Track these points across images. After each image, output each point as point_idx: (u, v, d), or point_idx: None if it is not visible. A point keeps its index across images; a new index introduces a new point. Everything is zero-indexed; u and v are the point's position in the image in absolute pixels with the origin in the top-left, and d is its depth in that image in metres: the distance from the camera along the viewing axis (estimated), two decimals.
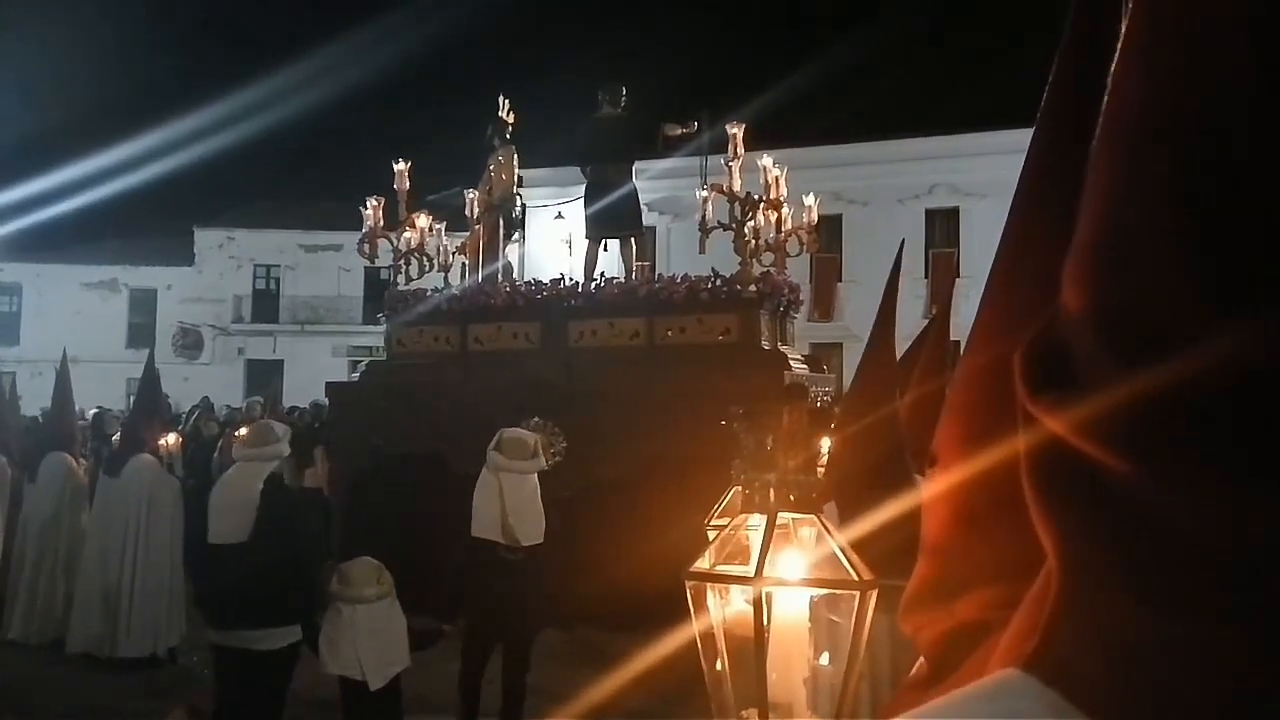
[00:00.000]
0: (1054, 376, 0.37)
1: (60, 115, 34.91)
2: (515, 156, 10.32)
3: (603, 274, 9.76)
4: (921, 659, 0.51)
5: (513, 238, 10.70)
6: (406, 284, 9.96)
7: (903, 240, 4.74)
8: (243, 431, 5.33)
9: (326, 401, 11.45)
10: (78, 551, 7.57)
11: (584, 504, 7.58)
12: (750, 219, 8.92)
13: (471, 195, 10.18)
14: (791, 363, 8.83)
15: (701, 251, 8.95)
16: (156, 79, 51.01)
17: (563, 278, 9.79)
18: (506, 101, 10.25)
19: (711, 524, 2.40)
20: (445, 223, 10.22)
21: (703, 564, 1.29)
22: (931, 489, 0.49)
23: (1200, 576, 0.33)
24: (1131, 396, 0.33)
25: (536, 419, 8.12)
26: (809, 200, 9.40)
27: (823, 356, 17.13)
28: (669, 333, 8.85)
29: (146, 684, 6.65)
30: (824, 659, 1.28)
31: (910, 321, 3.69)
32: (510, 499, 5.07)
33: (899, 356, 3.70)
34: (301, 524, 4.84)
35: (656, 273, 10.87)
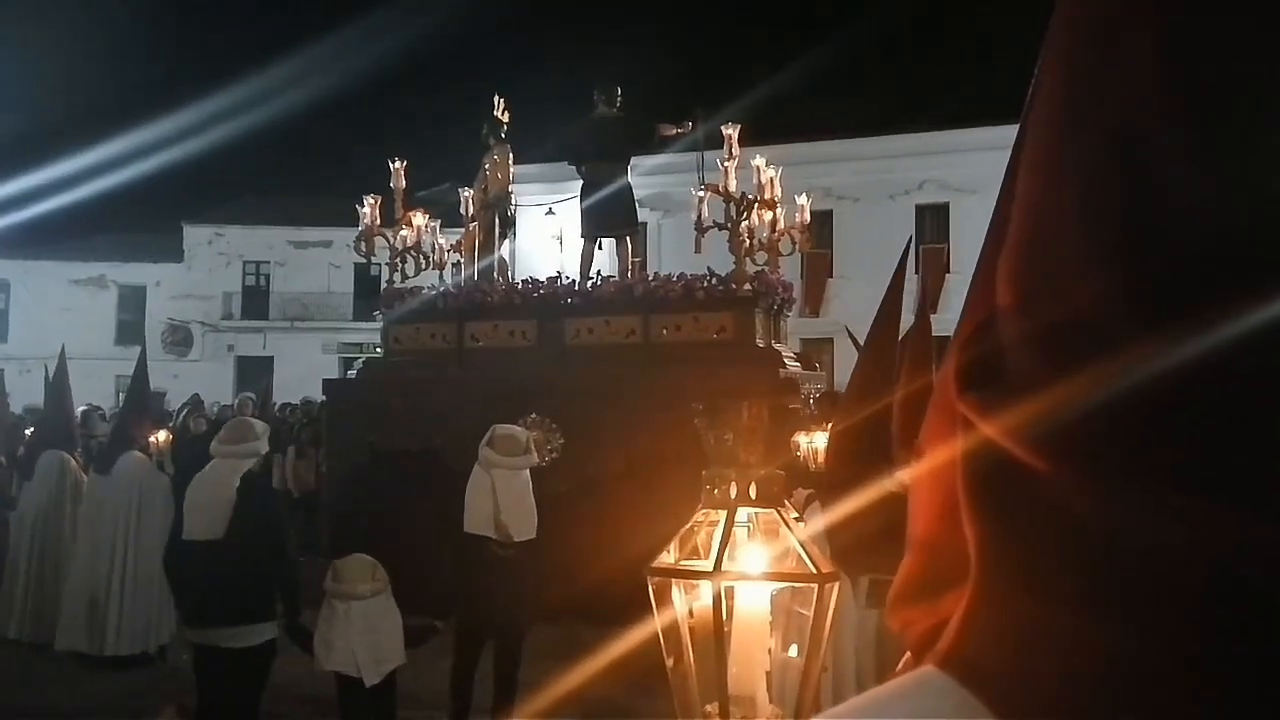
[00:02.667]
0: (982, 376, 0.38)
1: (48, 111, 34.71)
2: (510, 155, 10.35)
3: (599, 272, 9.79)
4: (908, 654, 0.51)
5: (507, 235, 10.73)
6: (403, 282, 9.96)
7: (910, 238, 4.74)
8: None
9: (317, 399, 11.42)
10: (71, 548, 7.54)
11: (581, 500, 7.60)
12: (745, 219, 8.96)
13: (467, 193, 10.20)
14: (785, 360, 8.87)
15: (697, 251, 9.01)
16: (145, 75, 50.72)
17: (560, 276, 9.81)
18: (502, 100, 10.27)
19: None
20: (440, 220, 10.23)
21: (666, 559, 1.30)
22: (916, 484, 0.49)
23: (1112, 578, 0.33)
24: (1054, 400, 0.33)
25: (534, 415, 8.14)
26: (802, 200, 9.45)
27: (813, 352, 17.16)
28: (665, 331, 8.89)
29: (136, 682, 6.63)
30: (792, 651, 1.29)
31: (903, 318, 3.70)
32: (502, 495, 5.07)
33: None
34: (278, 522, 4.78)
35: (650, 270, 10.92)
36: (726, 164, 8.88)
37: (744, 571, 1.25)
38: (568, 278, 9.75)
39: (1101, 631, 0.33)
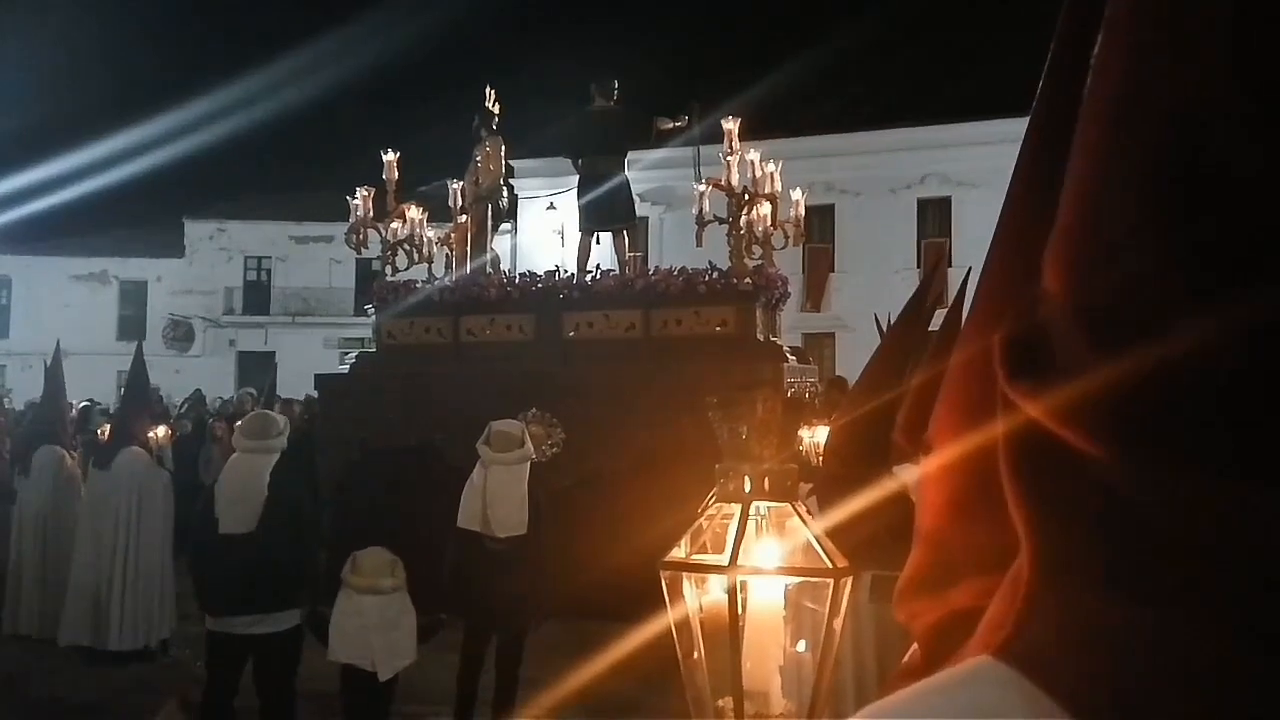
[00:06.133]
0: (1032, 361, 0.37)
1: (50, 107, 34.72)
2: (502, 147, 10.33)
3: (598, 266, 9.78)
4: (915, 646, 0.51)
5: (499, 228, 10.69)
6: (393, 275, 9.92)
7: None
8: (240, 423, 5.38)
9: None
10: (72, 544, 7.56)
11: (584, 495, 7.59)
12: (746, 213, 8.97)
13: (456, 186, 10.15)
14: (786, 354, 8.90)
15: (699, 244, 9.03)
16: (147, 70, 50.70)
17: (557, 270, 9.80)
18: (492, 92, 10.26)
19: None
20: (428, 214, 10.19)
21: (678, 553, 1.29)
22: (925, 476, 0.49)
23: (1172, 565, 0.32)
24: (1109, 383, 0.33)
25: (534, 410, 8.13)
26: (796, 194, 9.48)
27: (814, 347, 17.16)
28: (665, 325, 8.89)
29: (138, 677, 6.64)
30: (801, 645, 1.28)
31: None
32: (490, 490, 5.10)
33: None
34: (306, 514, 4.93)
35: (651, 264, 10.93)
36: (729, 158, 8.89)
37: (759, 566, 1.24)
38: (566, 271, 9.73)
39: (1169, 624, 0.32)
